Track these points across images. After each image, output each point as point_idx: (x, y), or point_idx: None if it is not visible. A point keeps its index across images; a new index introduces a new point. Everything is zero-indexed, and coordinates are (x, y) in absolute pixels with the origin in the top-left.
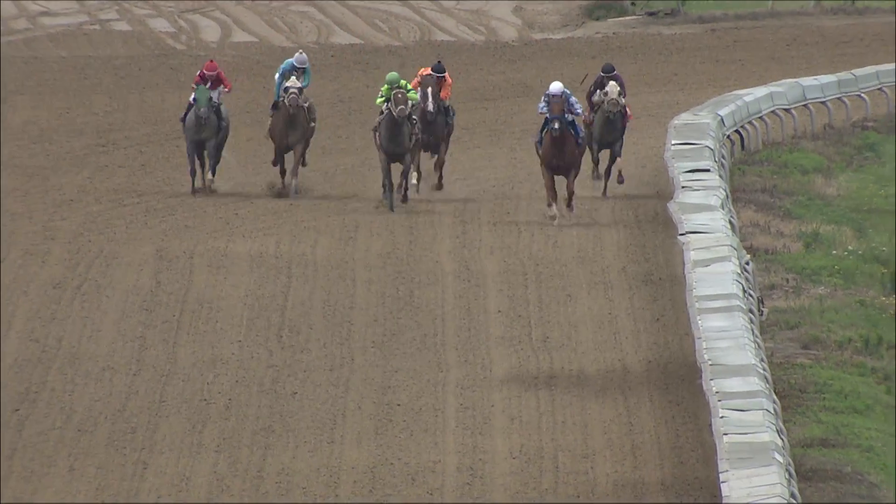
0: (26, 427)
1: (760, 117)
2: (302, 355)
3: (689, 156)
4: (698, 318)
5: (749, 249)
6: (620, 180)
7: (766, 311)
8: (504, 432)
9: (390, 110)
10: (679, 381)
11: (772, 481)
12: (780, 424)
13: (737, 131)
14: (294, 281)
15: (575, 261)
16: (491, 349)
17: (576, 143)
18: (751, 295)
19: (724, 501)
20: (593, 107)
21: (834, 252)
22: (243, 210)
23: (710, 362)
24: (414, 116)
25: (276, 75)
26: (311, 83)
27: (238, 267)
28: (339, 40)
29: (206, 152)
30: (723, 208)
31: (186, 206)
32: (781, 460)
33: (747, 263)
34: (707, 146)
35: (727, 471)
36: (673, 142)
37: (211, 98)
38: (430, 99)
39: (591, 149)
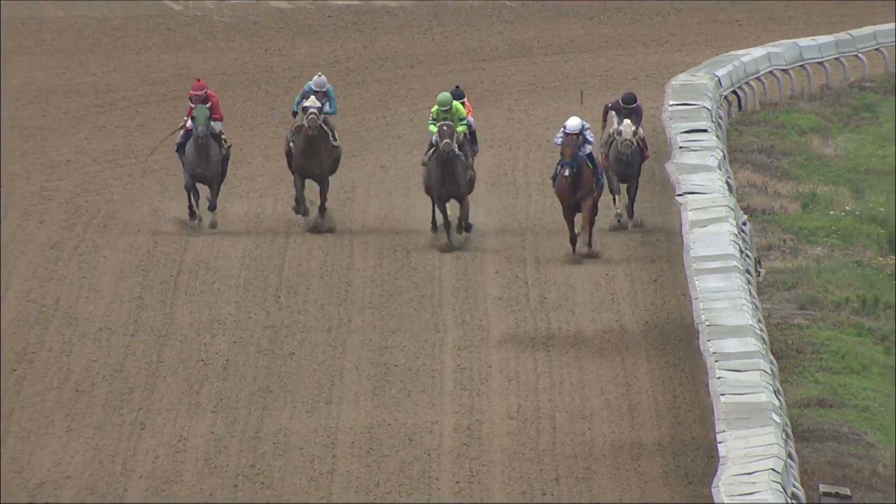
0: (24, 387)
1: (758, 78)
2: (299, 316)
3: (687, 116)
4: (695, 278)
5: (746, 210)
6: (631, 215)
7: (763, 271)
8: (501, 393)
9: (437, 144)
10: (676, 341)
11: (769, 441)
12: (777, 385)
13: (734, 92)
14: (291, 242)
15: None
16: (488, 310)
17: (592, 175)
18: (748, 255)
19: (721, 461)
20: (608, 138)
21: (831, 212)
22: (241, 171)
23: (707, 323)
24: (465, 150)
25: (295, 101)
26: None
27: (235, 228)
28: (336, 1)
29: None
30: (720, 169)
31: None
32: (778, 420)
33: (744, 224)
34: (704, 107)
35: (724, 431)
36: (670, 103)
37: (210, 118)
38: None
39: (608, 179)
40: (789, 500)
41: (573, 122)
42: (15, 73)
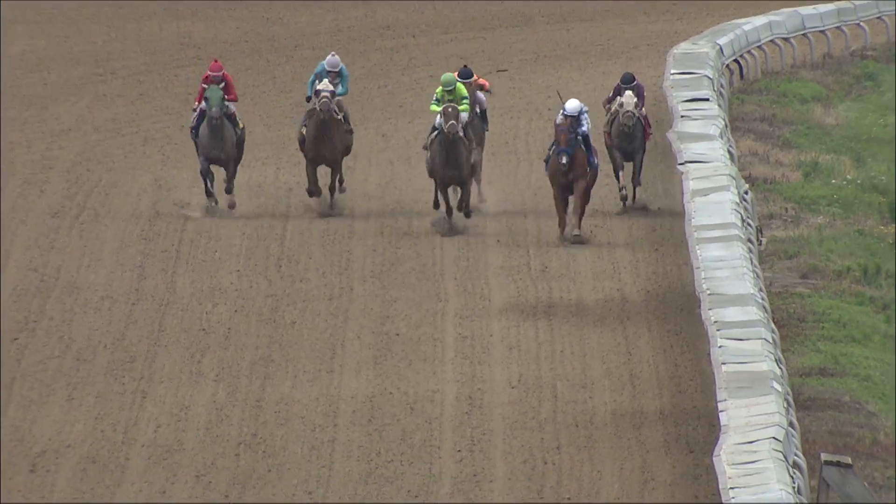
0: (25, 356)
1: (759, 46)
2: (301, 285)
3: (688, 85)
4: (697, 247)
5: (748, 179)
6: (634, 200)
7: (764, 240)
8: (503, 362)
9: (441, 127)
10: (677, 310)
11: (770, 410)
12: (779, 353)
13: (736, 60)
14: (293, 210)
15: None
16: (490, 279)
17: (585, 158)
18: (749, 224)
19: (722, 430)
20: (610, 118)
21: (833, 181)
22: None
23: (708, 292)
24: (468, 134)
25: (309, 82)
26: (349, 88)
27: (237, 196)
28: None
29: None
30: (721, 137)
31: (184, 135)
32: (780, 389)
33: (746, 193)
34: (706, 75)
35: (725, 400)
36: (672, 71)
37: (223, 99)
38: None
39: (612, 157)
40: (790, 469)
41: (572, 104)
42: (15, 42)
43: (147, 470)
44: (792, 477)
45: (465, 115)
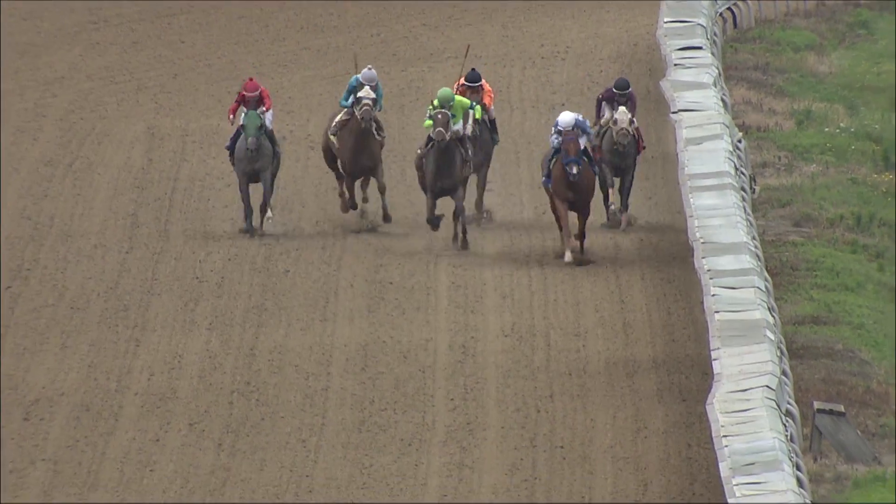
0: (19, 304)
1: None
2: (294, 233)
3: (682, 34)
4: (690, 196)
5: (741, 127)
6: (622, 212)
7: (757, 188)
8: (496, 310)
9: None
10: (671, 259)
11: (763, 358)
12: (772, 302)
13: (729, 9)
14: (286, 158)
15: None
16: (483, 227)
17: (593, 176)
18: (743, 173)
19: (715, 379)
20: (600, 129)
21: (826, 129)
22: (235, 88)
23: (701, 240)
24: (468, 142)
25: (343, 95)
26: (384, 104)
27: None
28: None
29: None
30: (715, 86)
31: (178, 83)
32: (773, 338)
33: (739, 141)
34: (699, 24)
35: (718, 348)
36: (665, 20)
37: (262, 127)
38: (471, 121)
39: (602, 173)
40: (783, 417)
41: (566, 118)
42: None
43: (140, 418)
44: (785, 425)
45: (459, 128)
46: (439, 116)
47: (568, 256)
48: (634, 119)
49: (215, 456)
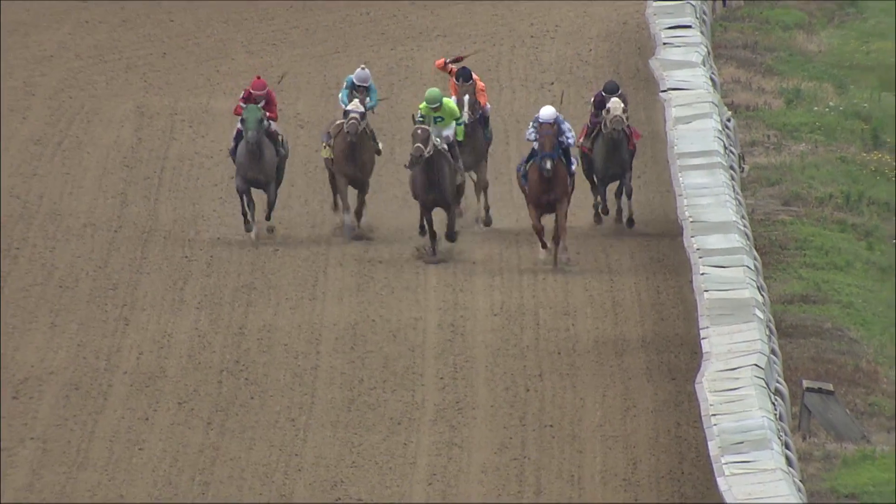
0: (8, 283)
1: None
2: (283, 212)
3: (671, 12)
4: (679, 174)
5: (730, 106)
6: (630, 224)
7: (747, 167)
8: (485, 289)
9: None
10: (660, 237)
11: (752, 337)
12: (761, 281)
13: None
14: None
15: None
16: (471, 206)
17: (567, 175)
18: (732, 152)
19: (704, 357)
20: (593, 130)
21: (815, 108)
22: (224, 67)
23: (691, 219)
24: (455, 153)
25: (340, 95)
26: (378, 102)
27: (219, 124)
28: None
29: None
30: (704, 65)
31: (167, 62)
32: (762, 316)
33: (728, 120)
34: (689, 2)
35: (707, 327)
36: None
37: (262, 120)
38: (466, 108)
39: (592, 184)
40: (772, 396)
41: (547, 111)
42: None
43: (129, 397)
44: (774, 404)
45: (449, 133)
46: (419, 132)
47: (544, 255)
48: (627, 112)
49: (204, 435)
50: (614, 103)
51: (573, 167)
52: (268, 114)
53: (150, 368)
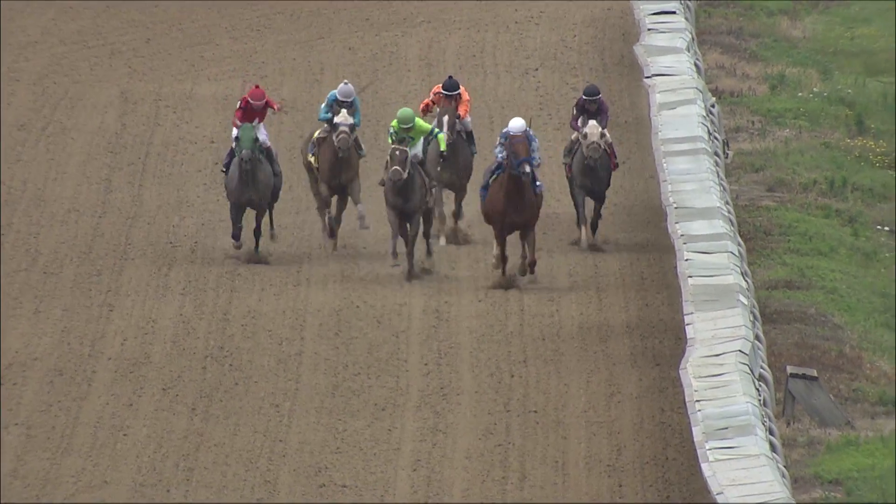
0: None
1: None
2: None
3: None
4: (664, 160)
5: (714, 92)
6: (595, 229)
7: (731, 153)
8: (470, 275)
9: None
10: (644, 223)
11: (736, 323)
12: (745, 267)
13: None
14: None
15: (538, 104)
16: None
17: (534, 194)
18: (716, 137)
19: (688, 343)
20: (572, 147)
21: (799, 94)
22: (209, 52)
23: (675, 205)
24: (425, 173)
25: (321, 108)
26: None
27: (203, 109)
28: None
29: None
30: (688, 51)
31: (151, 48)
32: (746, 302)
33: (713, 106)
34: None
35: (692, 313)
36: None
37: (257, 139)
38: (446, 128)
39: (574, 198)
40: (756, 382)
41: (516, 123)
42: None
43: (114, 383)
44: (758, 389)
45: (418, 151)
46: (397, 154)
47: (500, 279)
48: (606, 132)
49: (188, 420)
50: (591, 128)
51: (539, 186)
52: (272, 108)
53: (134, 354)
